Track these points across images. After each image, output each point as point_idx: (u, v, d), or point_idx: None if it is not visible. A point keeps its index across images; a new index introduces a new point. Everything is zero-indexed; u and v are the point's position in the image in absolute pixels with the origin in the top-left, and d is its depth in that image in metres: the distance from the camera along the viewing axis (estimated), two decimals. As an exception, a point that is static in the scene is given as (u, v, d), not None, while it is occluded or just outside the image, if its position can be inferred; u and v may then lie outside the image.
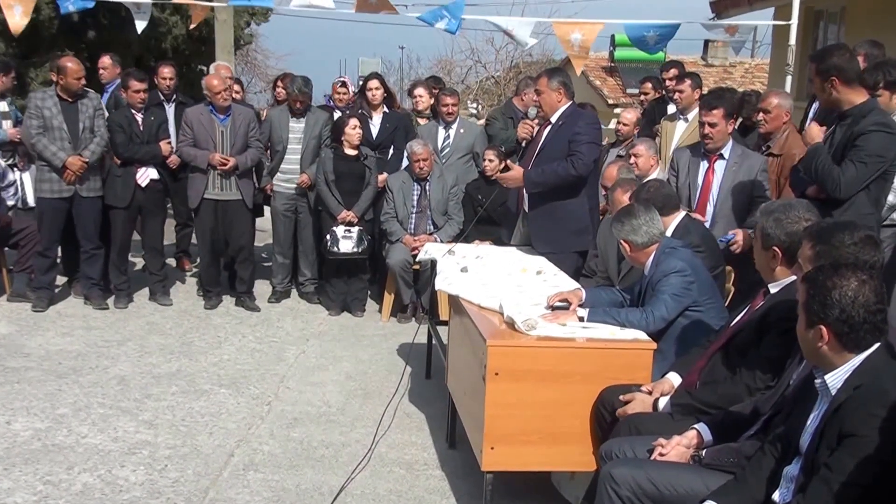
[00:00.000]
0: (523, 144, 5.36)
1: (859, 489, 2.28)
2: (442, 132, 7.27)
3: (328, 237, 6.78)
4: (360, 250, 6.82)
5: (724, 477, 2.75)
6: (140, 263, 7.64)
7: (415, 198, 6.83)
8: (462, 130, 7.30)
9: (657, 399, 3.38)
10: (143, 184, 6.70)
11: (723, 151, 5.18)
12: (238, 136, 6.71)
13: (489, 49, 26.98)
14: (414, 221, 6.84)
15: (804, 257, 2.81)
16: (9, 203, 6.96)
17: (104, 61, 7.67)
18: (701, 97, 6.12)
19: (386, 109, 7.46)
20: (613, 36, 20.43)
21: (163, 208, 7.17)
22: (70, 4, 7.68)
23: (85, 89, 6.58)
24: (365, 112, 7.35)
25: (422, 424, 4.83)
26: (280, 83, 8.03)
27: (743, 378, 3.14)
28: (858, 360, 2.42)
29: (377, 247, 7.15)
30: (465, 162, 7.29)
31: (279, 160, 7.09)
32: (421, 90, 7.71)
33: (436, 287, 4.81)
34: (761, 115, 5.39)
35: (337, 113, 7.55)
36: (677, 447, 2.96)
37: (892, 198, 4.47)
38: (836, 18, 10.46)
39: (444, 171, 6.97)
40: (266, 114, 7.75)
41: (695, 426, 3.04)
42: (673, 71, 7.37)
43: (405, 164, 7.06)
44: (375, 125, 7.34)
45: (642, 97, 8.40)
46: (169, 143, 6.86)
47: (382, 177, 7.02)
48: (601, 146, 5.70)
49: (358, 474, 4.13)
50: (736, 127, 5.61)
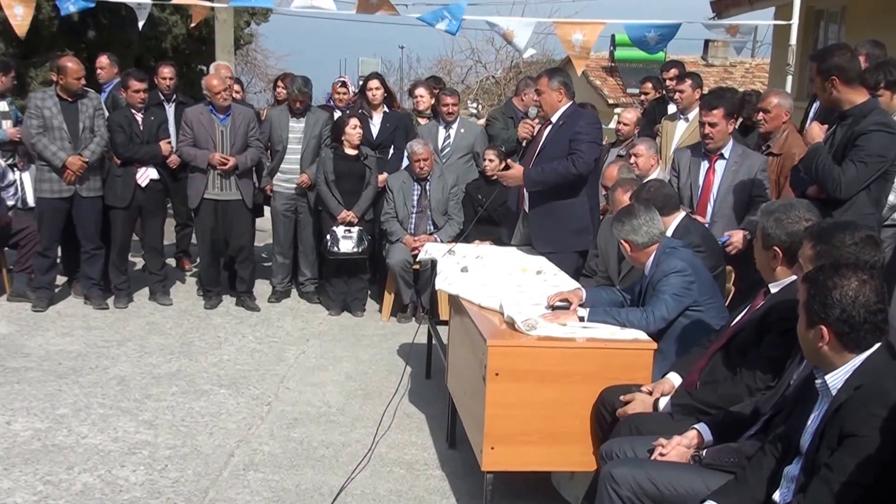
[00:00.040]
0: (524, 144, 5.36)
1: (860, 489, 2.28)
2: (442, 132, 7.26)
3: (328, 237, 6.78)
4: (361, 250, 6.81)
5: (725, 477, 2.75)
6: (140, 263, 7.64)
7: (415, 198, 6.83)
8: (462, 130, 7.29)
9: (657, 399, 3.38)
10: (143, 184, 6.70)
11: (723, 151, 5.18)
12: (238, 136, 6.71)
13: (489, 49, 27.00)
14: (414, 221, 6.84)
15: (805, 257, 2.81)
16: (9, 203, 6.95)
17: (102, 61, 7.66)
18: (701, 97, 6.12)
19: (386, 109, 7.46)
20: (614, 36, 20.43)
21: (163, 208, 7.17)
22: (70, 5, 7.67)
23: (85, 89, 6.58)
24: (365, 112, 7.35)
25: (422, 424, 4.83)
26: (280, 83, 8.03)
27: (743, 378, 3.13)
28: (859, 360, 2.42)
29: (377, 247, 7.14)
30: (466, 162, 7.28)
31: (279, 160, 7.08)
32: (422, 90, 7.70)
33: (436, 287, 4.81)
34: (761, 115, 5.40)
35: (337, 113, 7.55)
36: (678, 447, 2.96)
37: (893, 198, 4.46)
38: (837, 18, 10.45)
39: (445, 171, 6.96)
40: (266, 114, 7.75)
41: (695, 426, 3.04)
42: (673, 71, 7.37)
43: (405, 164, 7.05)
44: (376, 125, 7.34)
45: (643, 97, 8.39)
46: (169, 143, 6.85)
47: (382, 177, 7.01)
48: (602, 146, 5.70)
49: (358, 474, 4.13)
50: (736, 127, 5.61)
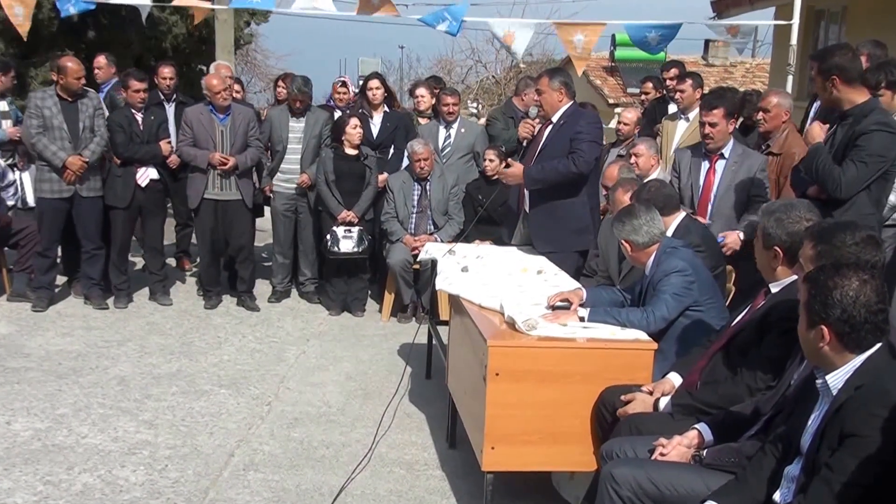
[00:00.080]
0: (524, 144, 5.36)
1: (860, 489, 2.28)
2: (443, 132, 7.26)
3: (328, 237, 6.77)
4: (361, 250, 6.81)
5: (725, 477, 2.75)
6: (140, 263, 7.64)
7: (415, 197, 6.82)
8: (463, 130, 7.29)
9: (658, 399, 3.38)
10: (143, 184, 6.70)
11: (723, 151, 5.18)
12: (238, 136, 6.71)
13: (489, 49, 27.00)
14: (414, 221, 6.83)
15: (805, 257, 2.80)
16: (9, 203, 6.95)
17: (99, 61, 7.66)
18: (702, 97, 6.12)
19: (386, 109, 7.46)
20: (614, 35, 20.41)
21: (163, 208, 7.17)
22: (70, 7, 7.67)
23: (85, 89, 6.58)
24: (365, 112, 7.35)
25: (422, 424, 4.83)
26: (281, 83, 8.03)
27: (744, 378, 3.13)
28: (860, 361, 2.42)
29: (377, 247, 7.14)
30: (466, 162, 7.28)
31: (279, 160, 7.08)
32: (422, 90, 7.70)
33: (436, 287, 4.80)
34: (761, 115, 5.40)
35: (337, 113, 7.55)
36: (678, 447, 2.96)
37: (893, 198, 4.46)
38: (838, 18, 10.45)
39: (445, 171, 6.96)
40: (266, 113, 7.75)
41: (695, 426, 3.03)
42: (674, 70, 7.36)
43: (405, 164, 7.05)
44: (376, 125, 7.33)
45: (643, 97, 8.38)
46: (169, 143, 6.85)
47: (383, 177, 7.01)
48: (602, 145, 5.69)
49: (358, 474, 4.13)
50: (737, 126, 5.61)
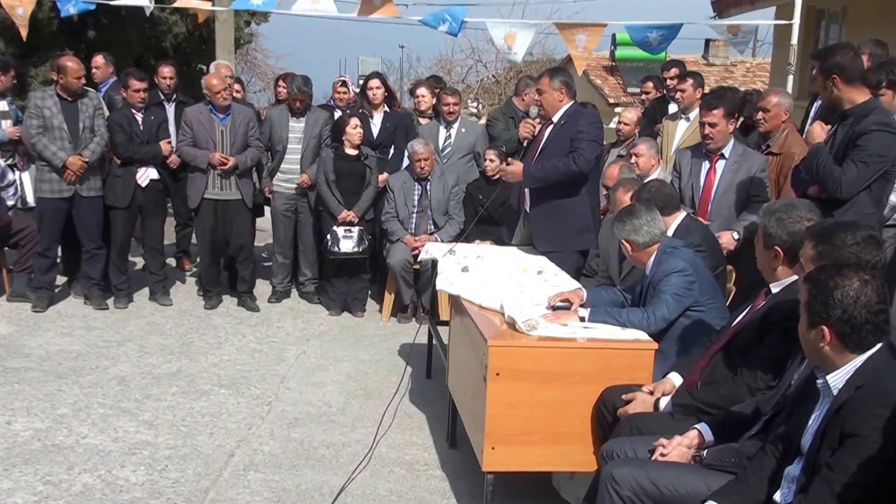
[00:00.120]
0: (524, 144, 5.35)
1: (861, 489, 2.28)
2: (443, 132, 7.25)
3: (329, 237, 6.77)
4: (361, 250, 6.81)
5: (726, 477, 2.75)
6: (140, 263, 7.64)
7: (416, 197, 6.82)
8: (463, 130, 7.28)
9: (658, 399, 3.38)
10: (143, 184, 6.69)
11: (724, 151, 5.18)
12: (238, 136, 6.70)
13: (490, 48, 26.95)
14: (415, 221, 6.83)
15: (806, 257, 2.80)
16: (9, 203, 6.95)
17: (97, 60, 7.65)
18: (702, 96, 6.11)
19: (387, 109, 7.45)
20: (614, 35, 20.41)
21: (163, 208, 7.16)
22: (70, 7, 7.66)
23: (85, 88, 6.57)
24: (366, 111, 7.34)
25: (422, 424, 4.83)
26: (282, 82, 8.02)
27: (744, 378, 3.13)
28: (860, 361, 2.42)
29: (378, 246, 7.14)
30: (467, 161, 7.27)
31: (279, 160, 7.07)
32: (423, 90, 7.69)
33: (436, 287, 4.80)
34: (761, 114, 5.39)
35: (337, 112, 7.54)
36: (678, 447, 2.96)
37: (894, 197, 4.45)
38: (838, 18, 10.45)
39: (445, 171, 6.95)
40: (266, 113, 7.74)
41: (696, 426, 3.03)
42: (674, 70, 7.36)
43: (406, 164, 7.05)
44: (376, 125, 7.33)
45: (643, 96, 8.38)
46: (169, 143, 6.84)
47: (383, 176, 7.00)
48: (603, 145, 5.69)
49: (358, 474, 4.13)
50: (737, 126, 5.60)
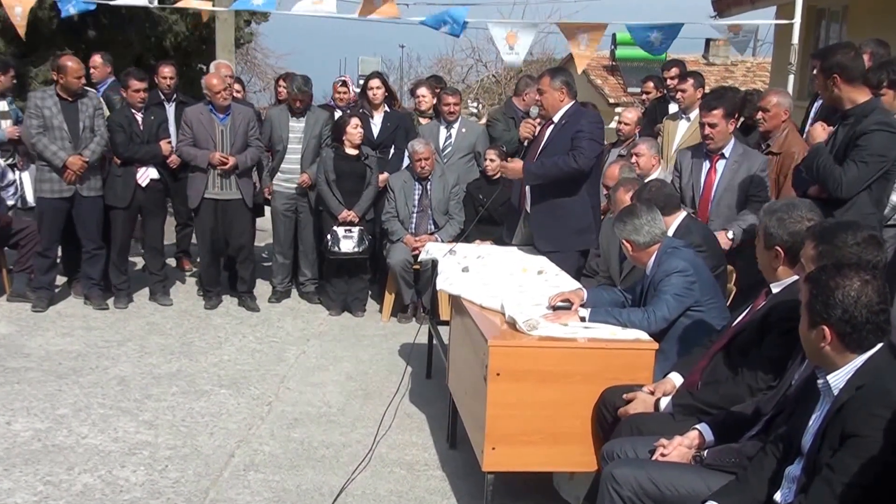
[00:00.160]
0: (525, 144, 5.34)
1: (861, 490, 2.27)
2: (443, 131, 7.25)
3: (329, 237, 6.77)
4: (361, 250, 6.80)
5: (726, 477, 2.74)
6: (140, 263, 7.63)
7: (416, 197, 6.82)
8: (464, 130, 7.28)
9: (659, 399, 3.38)
10: (144, 184, 6.69)
11: (724, 151, 5.17)
12: (238, 136, 6.70)
13: (490, 48, 26.94)
14: (415, 221, 6.83)
15: (807, 257, 2.80)
16: (9, 203, 6.95)
17: (95, 60, 7.64)
18: (703, 96, 6.11)
19: (387, 109, 7.45)
20: (615, 35, 20.40)
21: (163, 208, 7.16)
22: (70, 6, 7.66)
23: (85, 88, 6.57)
24: (366, 111, 7.34)
25: (422, 425, 4.82)
26: (282, 82, 8.02)
27: (745, 378, 3.13)
28: (861, 361, 2.41)
29: (378, 246, 7.13)
30: (467, 161, 7.27)
31: (279, 160, 7.07)
32: (424, 90, 7.69)
33: (437, 287, 4.79)
34: (760, 114, 5.39)
35: (337, 112, 7.54)
36: (679, 447, 2.95)
37: (895, 197, 4.45)
38: (839, 17, 10.45)
39: (446, 171, 6.95)
40: (266, 113, 7.74)
41: (696, 426, 3.03)
42: (675, 70, 7.35)
43: (406, 164, 7.04)
44: (376, 124, 7.33)
45: (644, 96, 8.37)
46: (169, 143, 6.84)
47: (383, 176, 7.00)
48: (603, 144, 5.69)
49: (358, 475, 4.13)
50: (737, 126, 5.60)
